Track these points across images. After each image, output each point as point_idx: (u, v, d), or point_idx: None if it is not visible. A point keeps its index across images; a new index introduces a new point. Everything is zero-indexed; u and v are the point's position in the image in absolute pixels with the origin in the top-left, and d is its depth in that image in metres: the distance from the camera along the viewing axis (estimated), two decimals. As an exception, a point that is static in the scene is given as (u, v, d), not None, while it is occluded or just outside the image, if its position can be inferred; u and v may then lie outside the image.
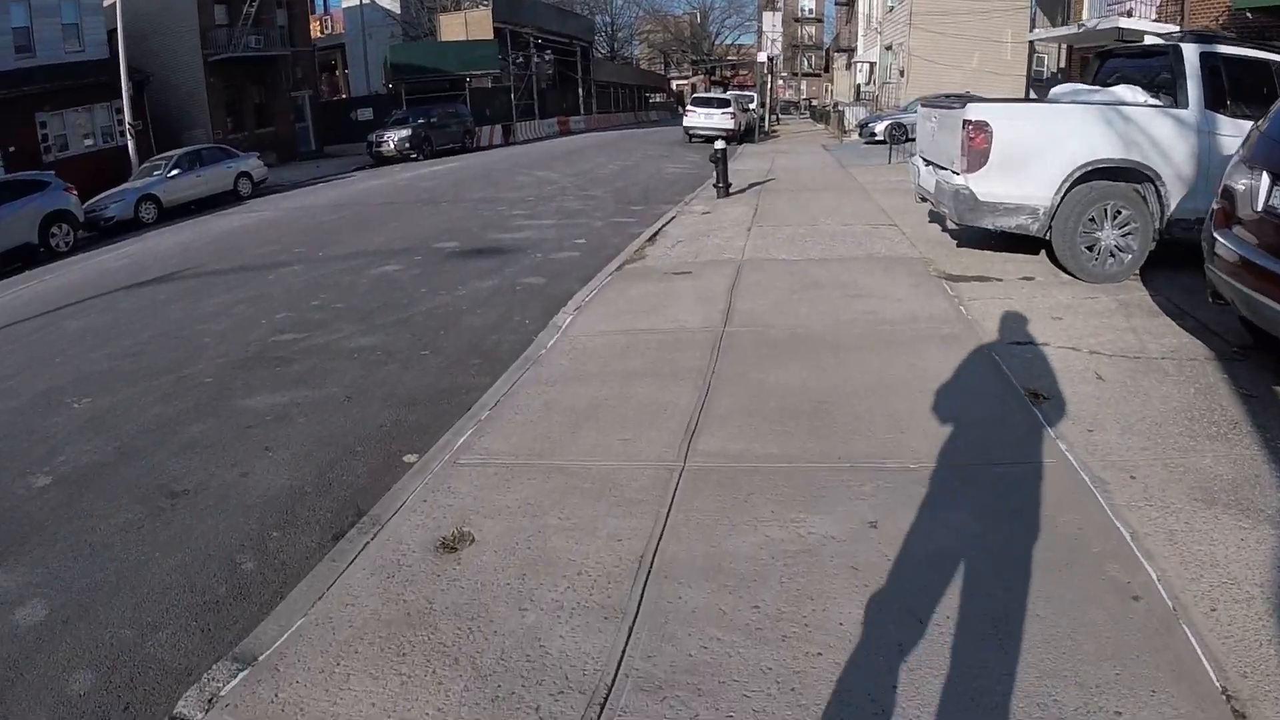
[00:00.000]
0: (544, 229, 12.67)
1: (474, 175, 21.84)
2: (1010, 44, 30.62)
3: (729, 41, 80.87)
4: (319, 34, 49.09)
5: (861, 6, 44.44)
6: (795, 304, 6.86)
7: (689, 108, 30.81)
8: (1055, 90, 8.46)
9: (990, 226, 7.05)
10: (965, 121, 6.75)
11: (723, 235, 10.54)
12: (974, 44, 30.61)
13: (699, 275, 8.26)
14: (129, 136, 24.24)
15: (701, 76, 79.59)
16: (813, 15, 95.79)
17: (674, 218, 12.65)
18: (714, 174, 14.58)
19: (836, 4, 55.68)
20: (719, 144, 14.39)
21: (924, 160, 8.51)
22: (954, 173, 7.15)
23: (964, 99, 8.21)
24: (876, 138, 26.78)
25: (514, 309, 8.12)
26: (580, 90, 47.52)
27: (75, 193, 17.99)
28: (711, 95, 33.29)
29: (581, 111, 47.43)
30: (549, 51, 46.52)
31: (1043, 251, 7.95)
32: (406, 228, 13.65)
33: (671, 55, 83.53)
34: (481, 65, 36.34)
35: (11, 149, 23.75)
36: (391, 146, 30.20)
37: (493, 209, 15.16)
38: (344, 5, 47.47)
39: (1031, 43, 28.95)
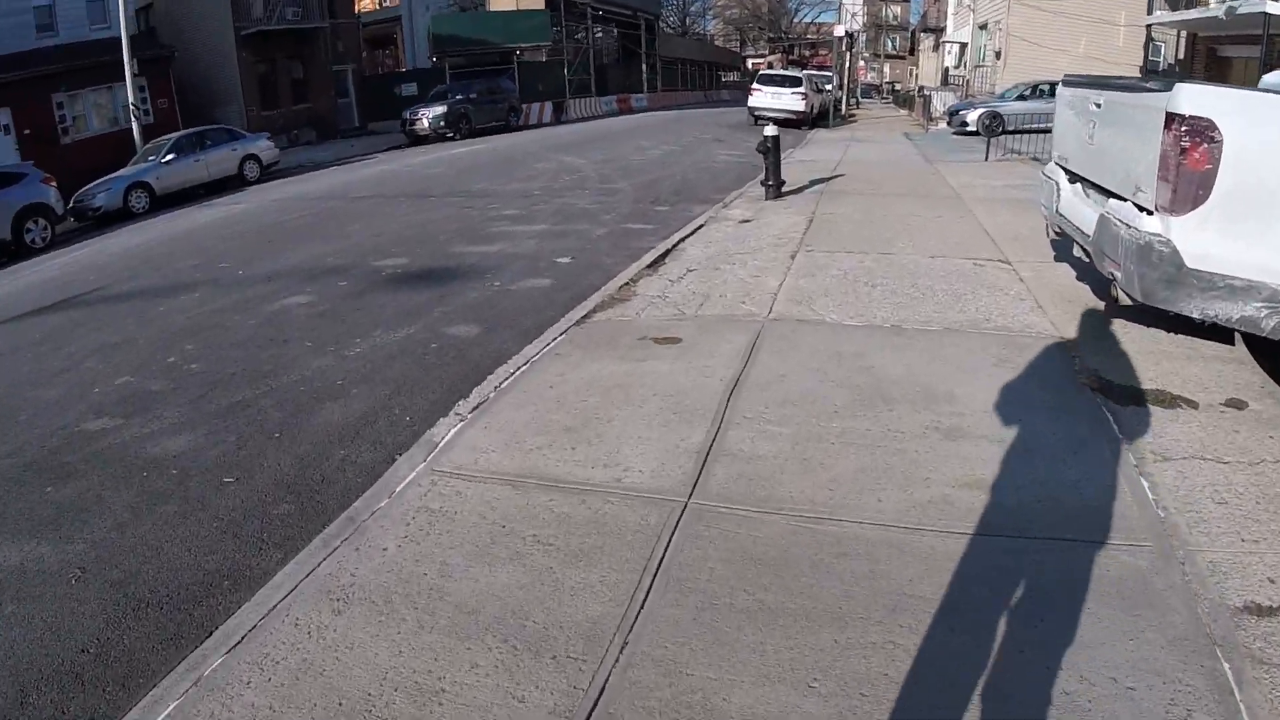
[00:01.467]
0: (526, 239, 9.87)
1: (494, 160, 19.12)
2: (1124, 28, 26.48)
3: (808, 19, 76.50)
4: (375, 6, 47.08)
5: (954, -21, 40.19)
6: (835, 445, 3.85)
7: (755, 86, 27.45)
8: (1272, 78, 5.22)
9: (1197, 315, 3.88)
10: (1173, 117, 3.60)
11: (753, 264, 7.56)
12: (1082, 26, 26.56)
13: (691, 347, 5.30)
14: (134, 119, 22.36)
15: (779, 55, 75.47)
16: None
17: (700, 227, 9.72)
18: (758, 165, 11.58)
19: (927, -23, 50.95)
20: (769, 130, 11.31)
21: (1069, 174, 5.36)
22: (1140, 209, 4.02)
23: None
24: (968, 128, 23.14)
25: (402, 390, 5.33)
26: (644, 66, 44.28)
27: (54, 184, 16.59)
28: (782, 73, 29.65)
29: (645, 89, 44.23)
30: (611, 25, 43.47)
31: (1239, 340, 4.79)
32: (367, 231, 11.03)
33: (748, 32, 79.55)
34: (531, 37, 33.55)
35: (27, 131, 22.50)
36: (425, 125, 27.83)
37: (484, 206, 12.42)
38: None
39: (1149, 28, 24.82)
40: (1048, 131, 18.64)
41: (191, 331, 7.13)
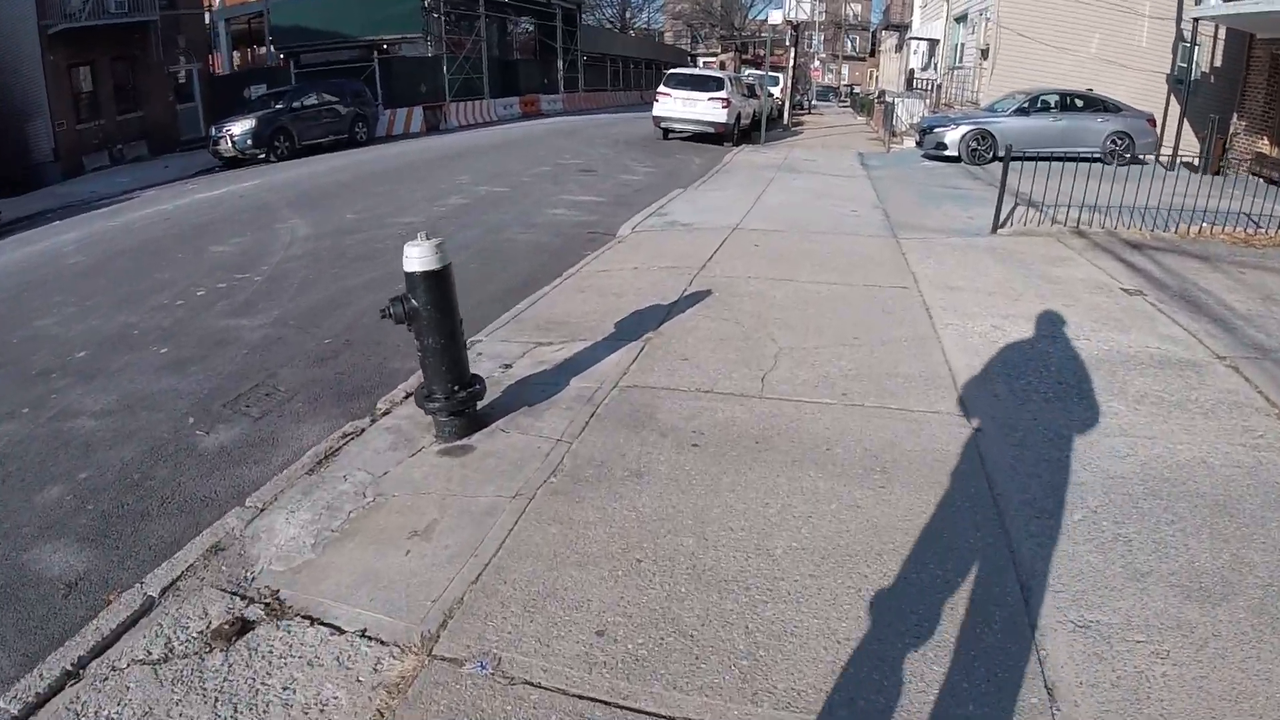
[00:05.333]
0: None
1: (177, 231, 11.31)
2: (1149, 20, 18.97)
3: (763, 17, 68.62)
4: None
5: (922, -36, 32.62)
6: None
7: (662, 89, 19.65)
8: None
9: None
10: None
11: None
12: (1095, 16, 19.00)
13: None
14: None
15: (731, 54, 67.78)
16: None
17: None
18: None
19: (889, -34, 43.11)
20: (415, 259, 3.60)
21: None
22: None
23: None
24: (947, 152, 15.68)
25: None
26: (560, 63, 36.25)
27: None
28: (696, 71, 21.63)
29: (561, 89, 36.19)
30: (519, 15, 35.38)
31: None
32: None
33: (699, 29, 71.72)
34: (398, 27, 25.55)
35: None
36: (230, 145, 19.99)
37: None
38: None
39: (1189, 21, 17.30)
40: (1060, 160, 10.77)
41: None
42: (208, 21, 31.64)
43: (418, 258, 3.62)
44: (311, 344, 5.85)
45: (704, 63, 64.04)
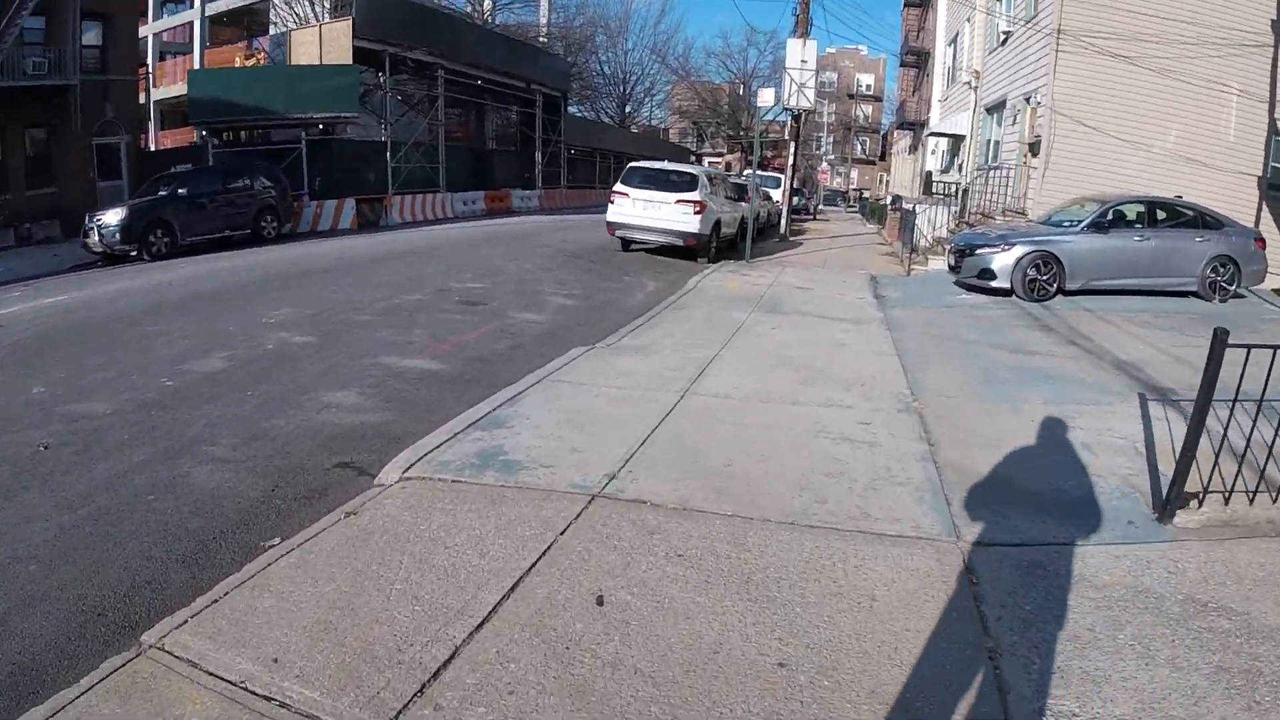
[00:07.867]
0: None
1: None
2: (1236, 104, 14.40)
3: (770, 117, 65.80)
4: (257, 62, 35.02)
5: (940, 55, 28.72)
6: None
7: (618, 188, 15.11)
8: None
9: None
10: None
11: None
12: (1175, 99, 14.39)
13: None
14: None
15: (738, 155, 64.47)
16: (871, 93, 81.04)
17: None
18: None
19: (901, 64, 39.45)
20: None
21: None
22: None
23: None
24: (994, 282, 10.91)
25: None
26: (539, 155, 32.19)
27: None
28: (663, 166, 16.46)
29: (538, 184, 32.04)
30: (505, 103, 31.46)
31: None
32: None
33: (705, 127, 68.80)
34: (331, 105, 21.42)
35: None
36: (98, 238, 15.71)
37: None
38: (272, 30, 33.44)
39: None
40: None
41: None
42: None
43: None
44: None
45: (709, 162, 60.57)
